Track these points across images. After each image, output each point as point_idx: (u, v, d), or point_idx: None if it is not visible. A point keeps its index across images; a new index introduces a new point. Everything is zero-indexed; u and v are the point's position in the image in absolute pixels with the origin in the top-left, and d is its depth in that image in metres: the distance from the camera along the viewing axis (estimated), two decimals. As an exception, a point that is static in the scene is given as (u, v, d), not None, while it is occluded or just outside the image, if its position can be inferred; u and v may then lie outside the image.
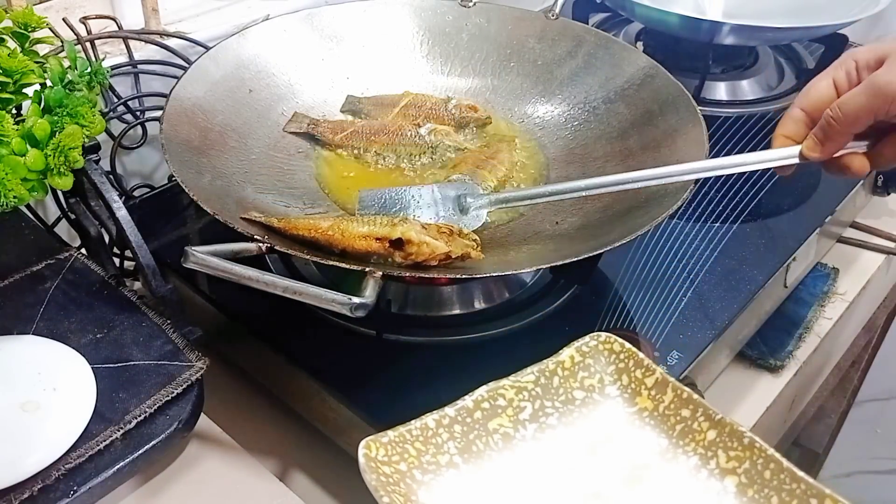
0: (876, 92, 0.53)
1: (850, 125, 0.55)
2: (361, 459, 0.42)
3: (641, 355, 0.49)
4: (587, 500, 0.43)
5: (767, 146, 0.60)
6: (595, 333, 0.50)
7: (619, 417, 0.47)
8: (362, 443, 0.43)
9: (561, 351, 0.49)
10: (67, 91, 0.57)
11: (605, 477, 0.44)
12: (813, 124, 0.57)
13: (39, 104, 0.56)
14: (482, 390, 0.47)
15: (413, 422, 0.45)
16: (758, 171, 0.62)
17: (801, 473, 0.42)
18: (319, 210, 0.68)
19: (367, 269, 0.53)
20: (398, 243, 0.56)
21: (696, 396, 0.46)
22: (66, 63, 0.59)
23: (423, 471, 0.43)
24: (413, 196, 0.65)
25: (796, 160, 0.58)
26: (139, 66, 0.80)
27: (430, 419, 0.45)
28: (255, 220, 0.59)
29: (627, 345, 0.49)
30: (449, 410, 0.45)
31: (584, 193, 0.62)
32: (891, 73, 0.53)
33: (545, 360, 0.49)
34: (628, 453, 0.45)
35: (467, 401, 0.46)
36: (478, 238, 0.60)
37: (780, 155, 0.58)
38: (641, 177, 0.60)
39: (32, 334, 0.57)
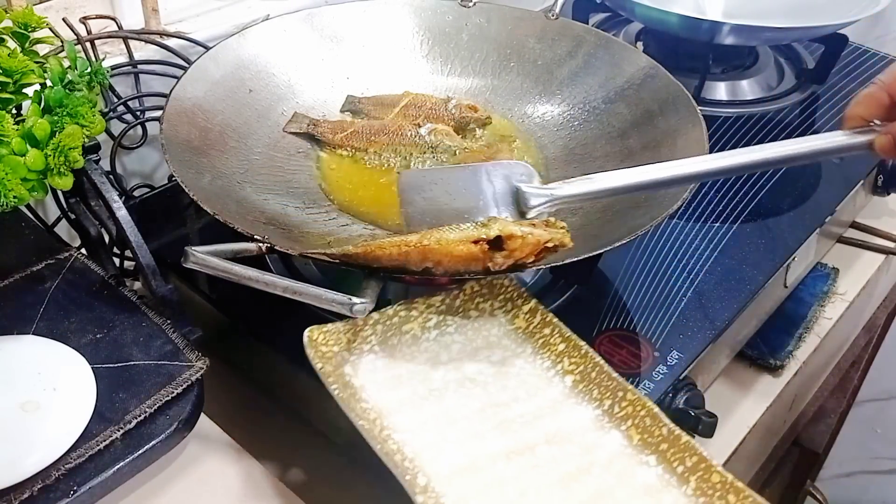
0: None
1: None
2: (305, 339, 0.53)
3: (523, 289, 0.61)
4: (464, 383, 0.56)
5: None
6: (498, 276, 0.60)
7: (500, 332, 0.60)
8: (307, 329, 0.54)
9: (465, 283, 0.60)
10: (67, 91, 0.57)
11: (480, 368, 0.57)
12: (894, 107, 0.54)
13: (39, 104, 0.56)
14: (400, 304, 0.58)
15: (348, 320, 0.56)
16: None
17: (614, 374, 0.55)
18: (320, 210, 0.68)
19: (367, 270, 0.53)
20: (497, 242, 0.53)
21: (556, 320, 0.59)
22: (66, 63, 0.59)
23: (349, 352, 0.56)
24: (459, 182, 0.59)
25: (864, 150, 0.55)
26: (139, 66, 0.80)
27: (359, 318, 0.56)
28: (326, 255, 0.55)
29: (515, 281, 0.61)
30: (374, 315, 0.57)
31: (672, 185, 0.58)
32: None
33: (452, 288, 0.60)
34: (500, 355, 0.58)
35: (388, 310, 0.58)
36: (566, 224, 0.57)
37: (849, 143, 0.55)
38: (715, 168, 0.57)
39: (32, 334, 0.57)
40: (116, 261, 0.73)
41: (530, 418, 0.54)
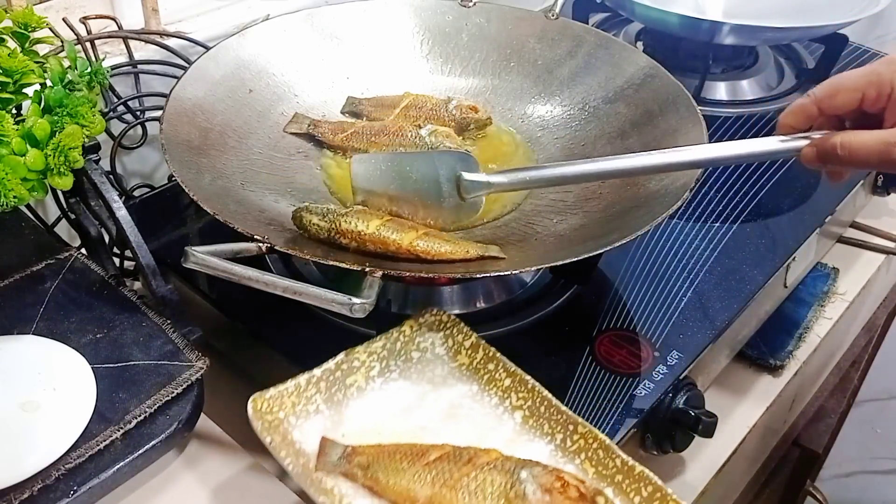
0: (887, 160, 0.52)
1: (853, 166, 0.54)
2: (250, 411, 0.52)
3: (462, 324, 0.60)
4: (416, 432, 0.55)
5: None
6: (431, 308, 0.61)
7: (444, 372, 0.59)
8: (251, 398, 0.52)
9: (403, 322, 0.60)
10: (67, 91, 0.57)
11: (430, 415, 0.56)
12: (821, 120, 0.56)
13: (39, 104, 0.56)
14: (341, 355, 0.57)
15: (289, 381, 0.54)
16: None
17: (563, 407, 0.55)
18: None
19: (367, 269, 0.53)
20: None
21: (499, 355, 0.58)
22: (66, 63, 0.59)
23: (296, 416, 0.54)
24: (409, 167, 0.65)
25: (793, 156, 0.57)
26: (139, 66, 0.80)
27: (301, 379, 0.55)
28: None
29: (453, 317, 0.60)
30: (316, 371, 0.56)
31: (594, 179, 0.63)
32: None
33: (391, 330, 0.59)
34: (448, 397, 0.58)
35: (330, 364, 0.56)
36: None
37: (780, 149, 0.57)
38: (646, 165, 0.59)
39: (32, 334, 0.57)
40: (116, 261, 0.73)
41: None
